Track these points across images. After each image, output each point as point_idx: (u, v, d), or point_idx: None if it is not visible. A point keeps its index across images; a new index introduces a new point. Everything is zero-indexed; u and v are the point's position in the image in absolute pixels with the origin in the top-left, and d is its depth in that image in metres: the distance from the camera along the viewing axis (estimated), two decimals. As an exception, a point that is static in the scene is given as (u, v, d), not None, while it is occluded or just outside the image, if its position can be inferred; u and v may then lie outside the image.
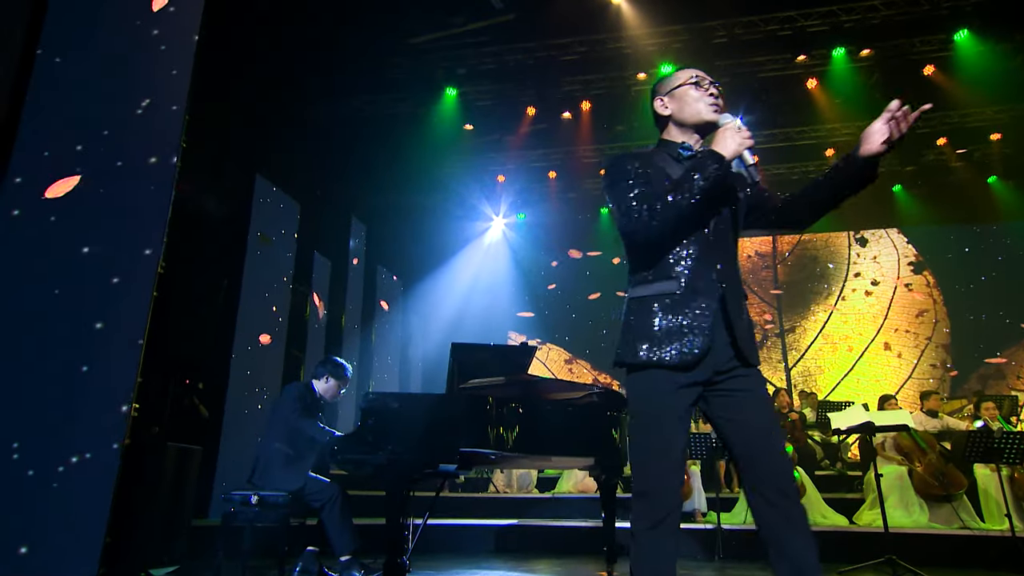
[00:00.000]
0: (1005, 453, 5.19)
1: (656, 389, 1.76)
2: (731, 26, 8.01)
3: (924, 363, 11.14)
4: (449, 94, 8.80)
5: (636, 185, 1.79)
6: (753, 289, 12.11)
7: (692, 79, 2.01)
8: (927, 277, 11.44)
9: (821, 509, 6.01)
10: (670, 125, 2.03)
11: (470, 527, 5.98)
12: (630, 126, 9.68)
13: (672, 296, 1.78)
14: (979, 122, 9.29)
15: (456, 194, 11.05)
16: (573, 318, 12.56)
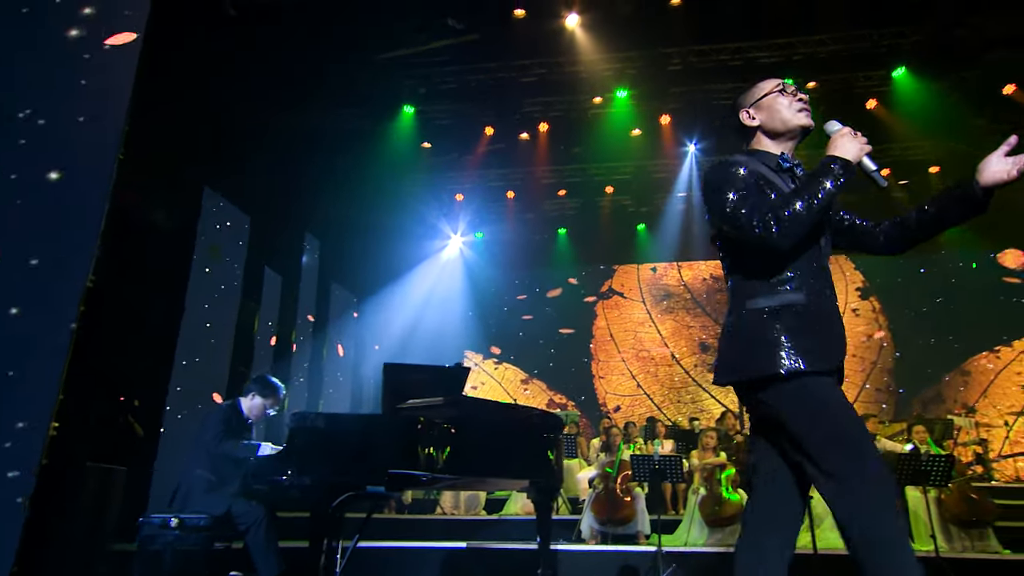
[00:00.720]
0: (931, 476, 5.45)
1: (823, 382, 1.69)
2: (685, 54, 8.29)
3: (870, 387, 11.54)
4: (407, 112, 8.88)
5: (750, 194, 1.75)
6: (708, 312, 12.40)
7: (778, 87, 1.98)
8: (873, 303, 11.89)
9: (761, 531, 6.14)
10: (759, 135, 2.00)
11: (416, 550, 5.95)
12: (587, 148, 9.88)
13: (802, 307, 1.74)
14: (918, 155, 9.77)
15: (414, 211, 11.10)
16: (527, 338, 12.66)
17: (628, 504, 6.45)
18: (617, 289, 12.87)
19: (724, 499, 6.17)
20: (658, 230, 11.98)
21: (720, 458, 6.64)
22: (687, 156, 10.06)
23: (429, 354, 11.43)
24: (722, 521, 6.07)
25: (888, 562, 1.57)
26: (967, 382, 11.07)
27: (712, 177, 1.84)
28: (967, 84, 8.03)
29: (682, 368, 12.21)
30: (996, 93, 8.16)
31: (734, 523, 6.06)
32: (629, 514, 6.43)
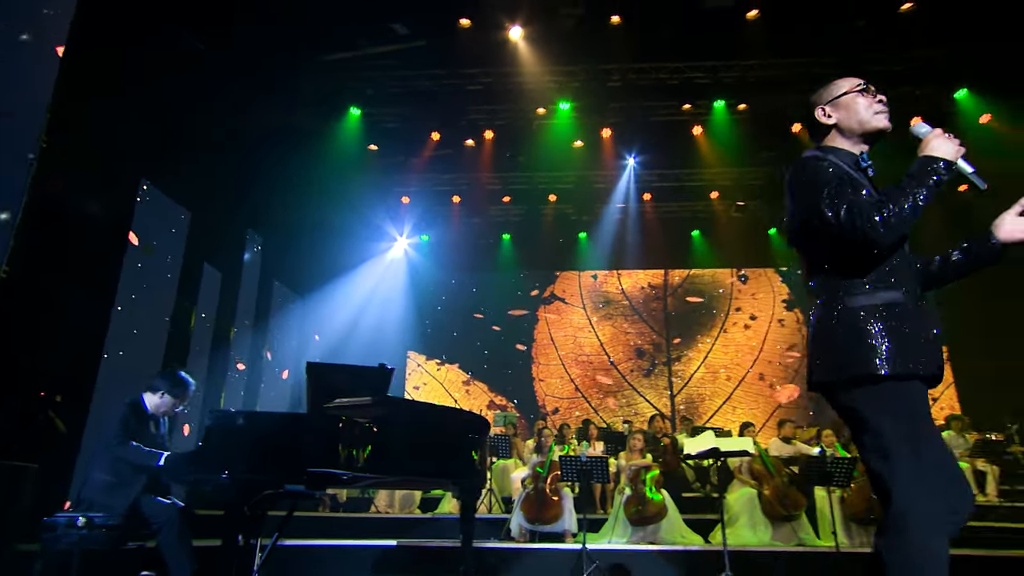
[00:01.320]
0: (835, 477, 5.71)
1: (920, 399, 1.64)
2: (625, 71, 8.47)
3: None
4: (353, 114, 8.79)
5: (845, 190, 1.67)
6: (644, 318, 12.67)
7: (859, 86, 1.92)
8: (797, 314, 12.37)
9: (680, 529, 6.31)
10: (834, 133, 1.93)
11: (346, 548, 5.88)
12: (531, 157, 9.98)
13: (901, 306, 1.68)
14: (841, 177, 10.22)
15: (359, 212, 10.99)
16: (469, 339, 12.68)
17: (556, 503, 6.53)
18: (559, 295, 13.01)
19: (648, 499, 6.30)
20: (599, 239, 12.20)
21: (646, 460, 6.78)
22: (626, 169, 10.28)
23: (370, 352, 11.32)
24: (645, 520, 6.21)
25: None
26: (879, 390, 11.63)
27: (801, 173, 1.79)
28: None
29: (619, 372, 12.43)
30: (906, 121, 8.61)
31: (656, 521, 6.21)
32: (557, 513, 6.51)
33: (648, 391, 12.24)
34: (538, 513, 6.48)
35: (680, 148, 9.60)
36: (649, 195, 11.02)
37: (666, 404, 12.18)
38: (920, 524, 1.52)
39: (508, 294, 12.91)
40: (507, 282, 12.92)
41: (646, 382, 12.33)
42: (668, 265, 12.69)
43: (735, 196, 10.93)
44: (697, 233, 12.12)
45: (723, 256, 12.22)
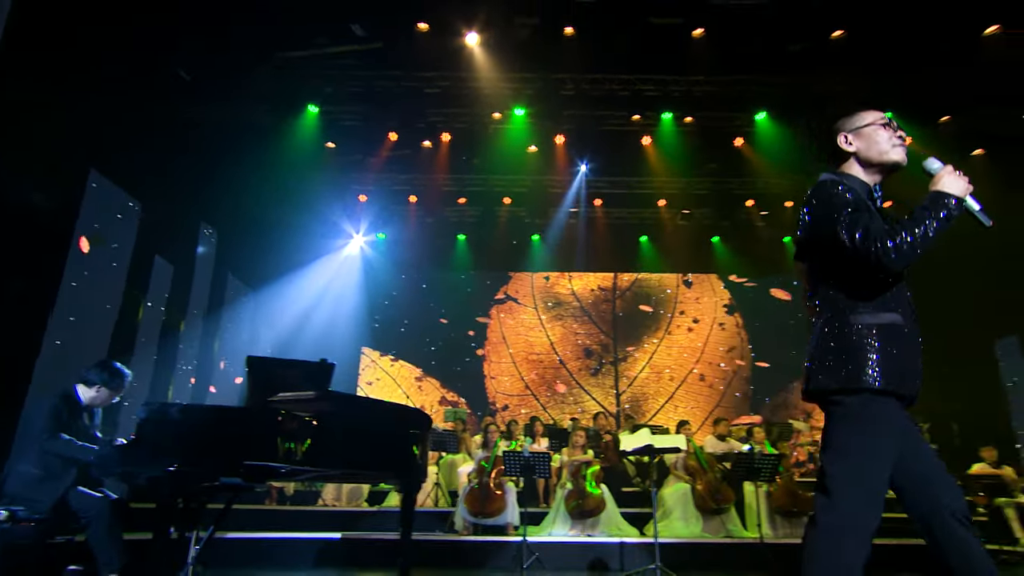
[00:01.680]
0: (762, 472, 5.93)
1: (892, 417, 1.74)
2: (578, 81, 8.58)
3: (730, 392, 12.34)
4: (311, 111, 8.67)
5: (862, 215, 1.74)
6: (593, 320, 12.85)
7: (882, 120, 1.96)
8: (737, 318, 12.73)
9: (617, 522, 6.45)
10: (852, 161, 1.99)
11: (290, 540, 5.82)
12: (487, 160, 10.02)
13: (898, 329, 1.78)
14: (777, 190, 10.58)
15: (316, 209, 10.83)
16: (422, 336, 12.65)
17: (499, 497, 6.59)
18: (512, 295, 13.08)
19: (588, 493, 6.42)
20: (551, 241, 12.32)
21: (588, 456, 6.90)
22: (578, 175, 10.42)
23: (323, 347, 11.21)
24: (584, 513, 6.32)
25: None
26: (809, 391, 12.07)
27: (821, 196, 1.86)
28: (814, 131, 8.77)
29: (568, 371, 12.57)
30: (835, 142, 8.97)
31: (595, 515, 6.34)
32: (500, 507, 6.57)
33: (595, 390, 12.42)
34: (481, 506, 6.53)
35: (630, 157, 9.76)
36: (600, 201, 11.18)
37: (612, 402, 12.38)
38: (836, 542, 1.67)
39: (462, 293, 12.93)
40: (461, 281, 12.93)
41: (593, 381, 12.51)
42: (617, 269, 12.90)
43: (681, 204, 11.19)
44: (645, 239, 12.36)
45: (669, 262, 12.50)
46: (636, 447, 5.18)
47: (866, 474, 1.69)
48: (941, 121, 8.38)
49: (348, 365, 12.33)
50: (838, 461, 1.71)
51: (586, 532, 6.23)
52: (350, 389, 12.24)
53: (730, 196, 10.81)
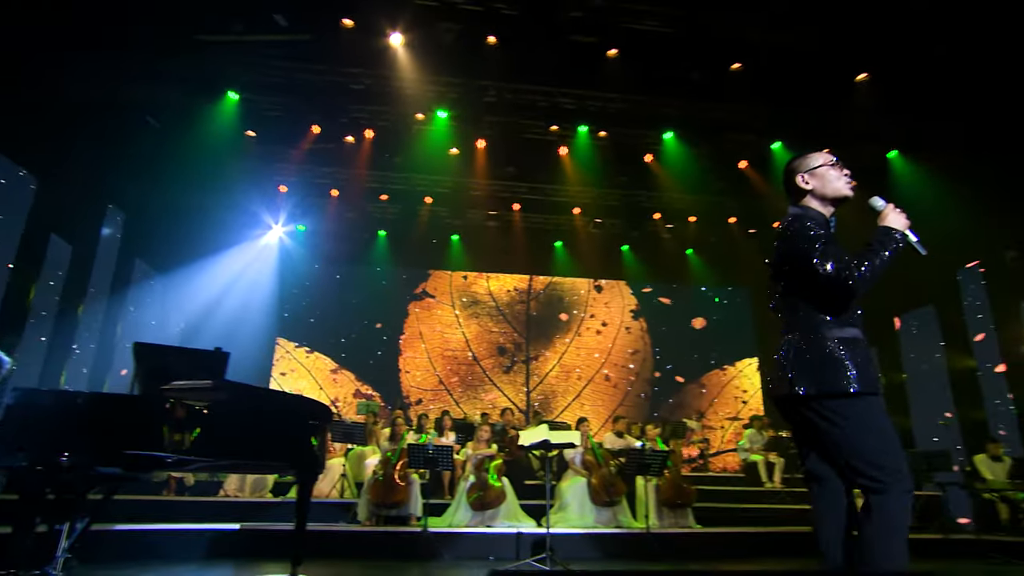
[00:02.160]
0: (652, 467, 6.20)
1: (881, 408, 2.00)
2: (501, 89, 8.62)
3: (633, 392, 12.79)
4: (231, 98, 8.29)
5: (830, 248, 1.99)
6: (508, 319, 12.98)
7: (831, 161, 2.21)
8: (642, 323, 13.21)
9: (517, 514, 6.55)
10: (809, 197, 2.21)
11: (187, 531, 5.54)
12: (410, 159, 9.92)
13: (860, 341, 2.04)
14: (681, 206, 11.08)
15: (233, 196, 10.37)
16: (339, 329, 12.38)
17: (403, 489, 6.55)
18: (430, 292, 13.01)
19: (489, 486, 6.48)
20: (471, 242, 12.35)
21: (491, 449, 6.97)
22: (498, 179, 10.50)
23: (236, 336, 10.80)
24: (485, 505, 6.38)
25: (892, 545, 1.88)
26: (702, 392, 12.73)
27: (797, 229, 2.08)
28: (716, 154, 9.27)
29: (481, 368, 12.63)
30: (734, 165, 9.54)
31: (495, 506, 6.41)
32: (403, 498, 6.54)
33: (507, 386, 12.54)
34: (385, 497, 6.47)
35: (548, 165, 9.94)
36: (518, 205, 11.31)
37: (523, 399, 12.54)
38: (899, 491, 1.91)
39: (380, 288, 12.75)
40: (380, 276, 12.75)
41: (506, 378, 12.63)
42: (533, 271, 13.09)
43: (594, 213, 11.50)
44: (560, 244, 12.60)
45: (581, 267, 12.80)
46: (533, 442, 5.29)
47: (891, 440, 1.97)
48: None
49: (262, 355, 11.89)
50: (872, 440, 1.96)
51: (485, 523, 6.29)
52: (263, 379, 11.81)
53: (639, 208, 11.21)
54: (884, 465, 1.92)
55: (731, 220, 11.54)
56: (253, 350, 11.41)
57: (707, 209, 11.08)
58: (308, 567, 4.54)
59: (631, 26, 7.14)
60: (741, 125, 8.66)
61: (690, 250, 12.50)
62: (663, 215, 11.41)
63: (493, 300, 13.11)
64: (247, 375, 11.00)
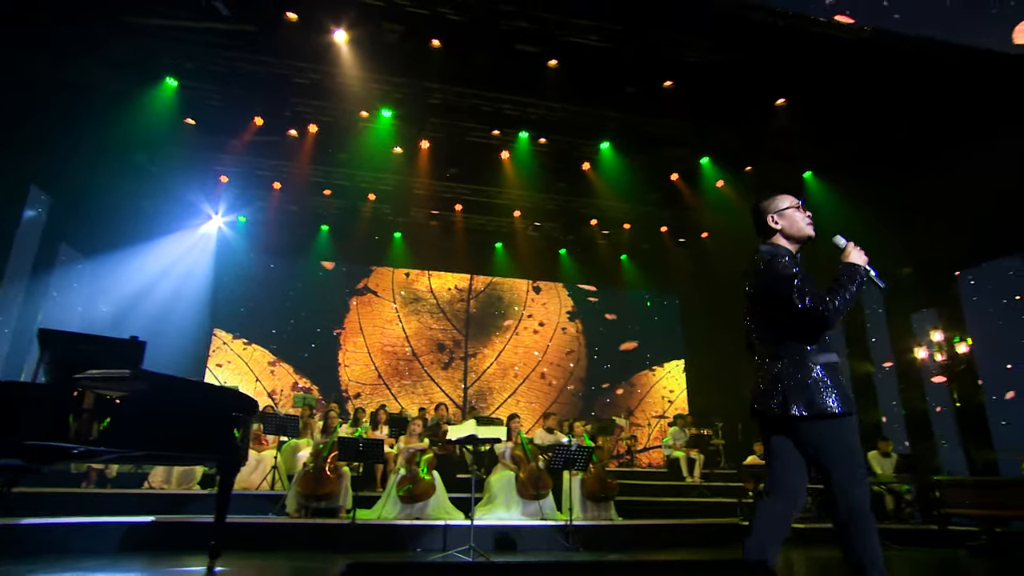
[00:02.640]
0: (577, 462, 6.30)
1: (855, 429, 2.21)
2: (446, 92, 8.56)
3: (567, 391, 12.97)
4: (168, 84, 7.93)
5: (806, 283, 2.18)
6: (448, 317, 12.93)
7: (797, 204, 2.40)
8: (578, 324, 13.42)
9: (446, 506, 6.53)
10: (778, 236, 2.38)
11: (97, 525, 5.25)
12: (353, 156, 9.74)
13: (838, 365, 2.24)
14: (617, 214, 11.31)
15: (170, 184, 9.91)
16: (279, 322, 12.04)
17: (333, 481, 6.43)
18: (372, 287, 12.82)
19: (419, 479, 6.44)
20: (413, 240, 12.24)
21: (423, 444, 6.91)
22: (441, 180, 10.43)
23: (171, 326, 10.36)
24: (414, 498, 6.33)
25: (862, 532, 2.10)
26: (632, 391, 13.05)
27: (774, 266, 2.25)
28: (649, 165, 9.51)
29: (420, 364, 12.54)
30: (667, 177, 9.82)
31: (424, 499, 6.37)
32: (333, 490, 6.42)
33: (445, 382, 12.50)
34: (314, 489, 6.34)
35: (490, 168, 9.95)
36: (460, 206, 11.27)
37: (460, 395, 12.53)
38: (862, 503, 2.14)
39: (322, 282, 12.47)
40: (322, 270, 12.47)
41: (444, 374, 12.58)
42: (473, 271, 13.09)
43: (534, 217, 11.59)
44: (500, 245, 12.64)
45: (520, 268, 12.88)
46: (461, 436, 5.29)
47: (857, 461, 2.19)
48: (747, 170, 9.42)
49: (197, 346, 11.43)
50: (844, 458, 2.17)
51: (414, 516, 6.25)
52: (198, 370, 11.37)
53: (576, 214, 11.38)
54: (852, 475, 2.16)
55: (663, 229, 11.88)
56: (187, 340, 10.94)
57: (640, 217, 11.35)
58: (230, 559, 4.41)
59: (573, 39, 7.23)
60: (673, 139, 8.91)
61: (624, 256, 12.78)
62: (599, 221, 11.61)
63: (434, 297, 13.04)
64: (180, 365, 10.54)
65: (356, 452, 6.07)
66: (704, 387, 12.66)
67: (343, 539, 5.51)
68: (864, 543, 2.12)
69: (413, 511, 6.31)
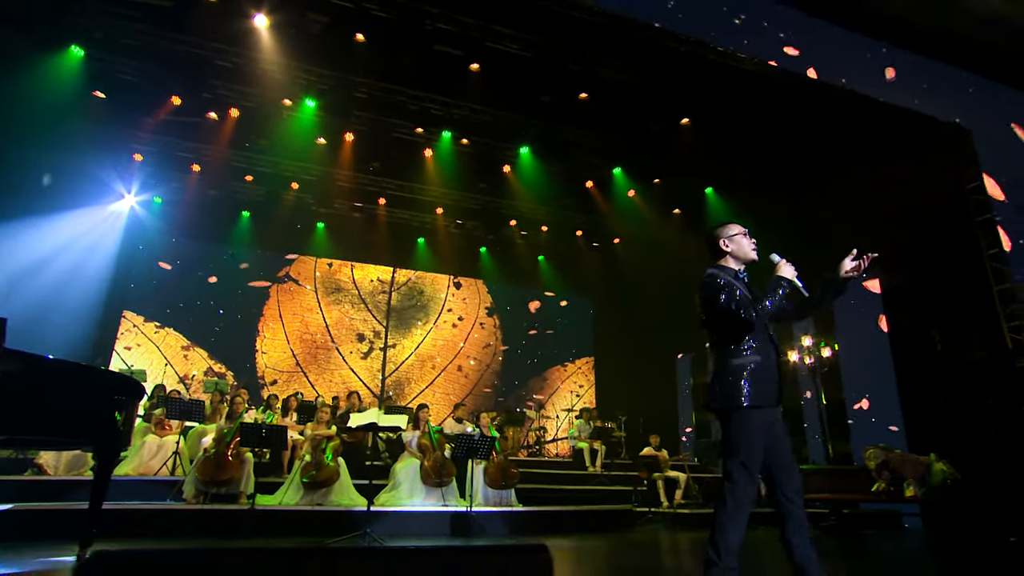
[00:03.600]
0: (479, 451, 6.35)
1: (757, 423, 2.43)
2: (372, 87, 8.39)
3: (482, 383, 13.01)
4: (74, 52, 7.32)
5: (733, 296, 2.48)
6: (369, 308, 12.68)
7: (743, 232, 2.73)
8: (495, 320, 13.49)
9: (349, 493, 6.39)
10: (728, 257, 2.69)
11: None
12: (276, 143, 9.36)
13: (759, 364, 2.46)
14: (535, 216, 11.45)
15: (76, 157, 9.15)
16: (194, 306, 11.42)
17: (235, 466, 6.16)
18: (293, 276, 12.38)
19: (324, 465, 6.28)
20: (336, 231, 11.92)
21: (331, 431, 6.75)
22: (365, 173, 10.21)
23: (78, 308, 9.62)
24: (317, 484, 6.17)
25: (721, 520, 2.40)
26: (544, 385, 13.26)
27: (711, 284, 2.56)
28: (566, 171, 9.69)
29: (339, 353, 12.23)
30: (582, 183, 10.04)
31: (328, 486, 6.22)
32: (234, 476, 6.15)
33: (363, 372, 12.25)
34: (214, 475, 6.05)
35: (414, 164, 9.83)
36: (384, 200, 11.07)
37: (378, 385, 12.32)
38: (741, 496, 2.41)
39: (241, 268, 11.91)
40: (242, 256, 11.91)
41: (363, 363, 12.33)
42: (397, 264, 12.90)
43: (455, 215, 11.55)
44: (422, 241, 12.52)
45: (442, 264, 12.81)
46: (361, 424, 5.21)
47: (752, 454, 2.44)
48: (655, 182, 9.78)
49: (104, 328, 10.64)
50: (731, 457, 2.45)
51: (316, 502, 6.10)
52: (103, 352, 10.59)
53: (497, 214, 11.43)
54: (732, 466, 2.44)
55: (578, 233, 12.13)
56: (89, 321, 10.16)
57: (557, 221, 11.54)
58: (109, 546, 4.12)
59: (494, 45, 7.25)
60: (588, 148, 9.11)
61: (542, 256, 12.97)
62: (518, 222, 11.72)
63: (356, 288, 12.75)
64: (79, 346, 9.80)
65: (259, 438, 5.84)
66: (611, 383, 13.05)
67: (242, 525, 5.29)
68: (715, 531, 2.40)
69: (316, 497, 6.16)
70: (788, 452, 2.53)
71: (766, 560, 4.54)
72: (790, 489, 2.46)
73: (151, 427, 7.47)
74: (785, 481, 2.47)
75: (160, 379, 10.60)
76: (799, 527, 2.45)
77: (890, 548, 5.45)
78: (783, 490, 2.47)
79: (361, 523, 5.29)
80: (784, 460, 2.50)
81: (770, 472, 2.50)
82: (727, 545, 2.37)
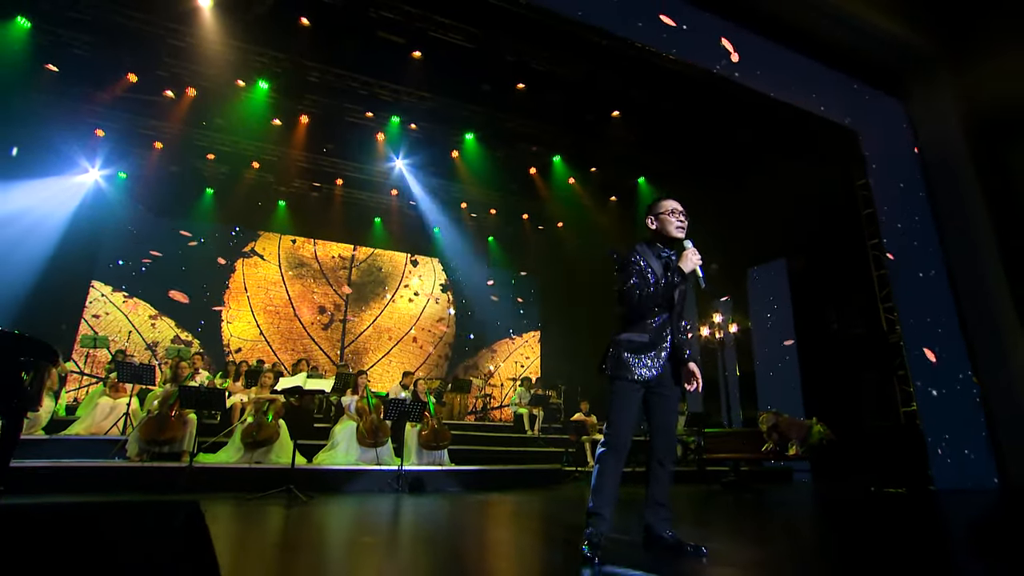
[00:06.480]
0: (411, 415, 6.27)
1: (628, 387, 2.41)
2: (324, 71, 8.06)
3: (435, 353, 12.92)
4: (20, 23, 6.81)
5: (638, 277, 2.42)
6: (330, 283, 12.40)
7: (671, 210, 2.54)
8: (449, 295, 13.37)
9: (289, 452, 6.25)
10: (653, 234, 2.56)
11: None
12: (236, 123, 8.96)
13: (641, 342, 2.43)
14: (484, 200, 11.29)
15: (29, 129, 8.59)
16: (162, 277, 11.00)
17: (177, 426, 5.96)
18: (258, 251, 12.00)
19: (264, 425, 6.14)
20: (297, 209, 11.56)
21: (274, 396, 6.57)
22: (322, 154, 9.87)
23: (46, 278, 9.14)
24: (257, 444, 6.03)
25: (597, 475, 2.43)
26: (492, 356, 13.24)
27: (621, 263, 2.48)
28: (510, 158, 9.53)
29: (301, 324, 11.96)
30: (526, 170, 9.90)
31: (267, 445, 6.09)
32: (176, 435, 5.94)
33: (323, 342, 12.03)
34: (156, 434, 5.84)
35: (367, 147, 9.55)
36: (341, 181, 10.76)
37: (337, 354, 12.11)
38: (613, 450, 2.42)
39: (206, 243, 11.49)
40: (206, 231, 11.47)
41: (323, 334, 12.09)
42: (357, 242, 12.62)
43: (408, 196, 11.30)
44: (378, 220, 12.25)
45: (399, 242, 12.58)
46: (286, 387, 5.07)
47: (623, 418, 2.42)
48: (592, 171, 9.71)
49: (73, 297, 10.20)
50: (612, 412, 2.43)
51: (255, 460, 5.95)
52: (72, 321, 10.15)
53: (449, 197, 11.23)
54: (607, 427, 2.45)
55: (524, 216, 12.02)
56: (60, 291, 9.70)
57: (505, 204, 11.40)
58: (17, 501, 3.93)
59: (435, 35, 7.01)
60: (529, 137, 8.97)
61: (491, 237, 12.84)
62: (468, 205, 11.55)
63: (318, 264, 12.44)
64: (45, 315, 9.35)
65: (197, 400, 5.66)
66: (554, 355, 13.10)
67: (180, 481, 5.13)
68: (593, 490, 2.41)
69: (255, 455, 6.01)
70: (666, 419, 2.55)
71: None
72: (660, 452, 2.52)
73: (106, 390, 7.19)
74: (658, 445, 2.53)
75: (124, 346, 10.26)
76: (661, 487, 2.52)
77: (768, 499, 5.60)
78: (656, 453, 2.53)
79: (294, 479, 5.19)
80: (660, 425, 2.54)
81: (651, 436, 2.54)
82: (604, 497, 2.39)
